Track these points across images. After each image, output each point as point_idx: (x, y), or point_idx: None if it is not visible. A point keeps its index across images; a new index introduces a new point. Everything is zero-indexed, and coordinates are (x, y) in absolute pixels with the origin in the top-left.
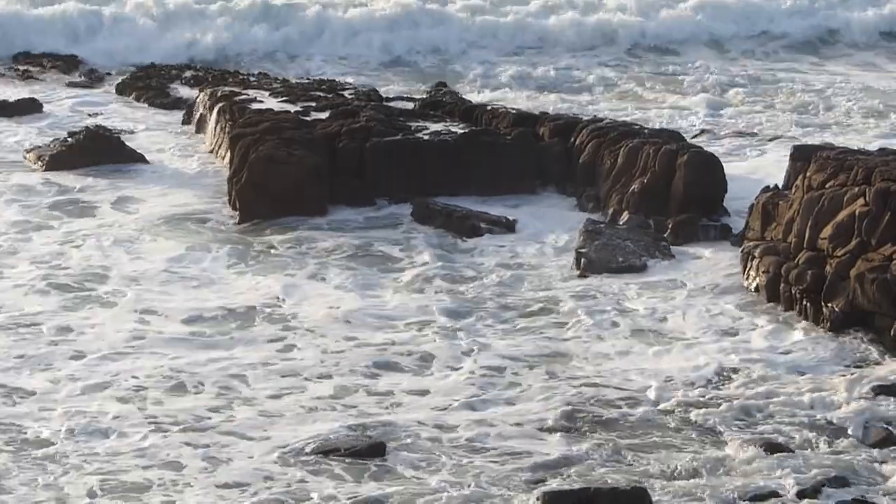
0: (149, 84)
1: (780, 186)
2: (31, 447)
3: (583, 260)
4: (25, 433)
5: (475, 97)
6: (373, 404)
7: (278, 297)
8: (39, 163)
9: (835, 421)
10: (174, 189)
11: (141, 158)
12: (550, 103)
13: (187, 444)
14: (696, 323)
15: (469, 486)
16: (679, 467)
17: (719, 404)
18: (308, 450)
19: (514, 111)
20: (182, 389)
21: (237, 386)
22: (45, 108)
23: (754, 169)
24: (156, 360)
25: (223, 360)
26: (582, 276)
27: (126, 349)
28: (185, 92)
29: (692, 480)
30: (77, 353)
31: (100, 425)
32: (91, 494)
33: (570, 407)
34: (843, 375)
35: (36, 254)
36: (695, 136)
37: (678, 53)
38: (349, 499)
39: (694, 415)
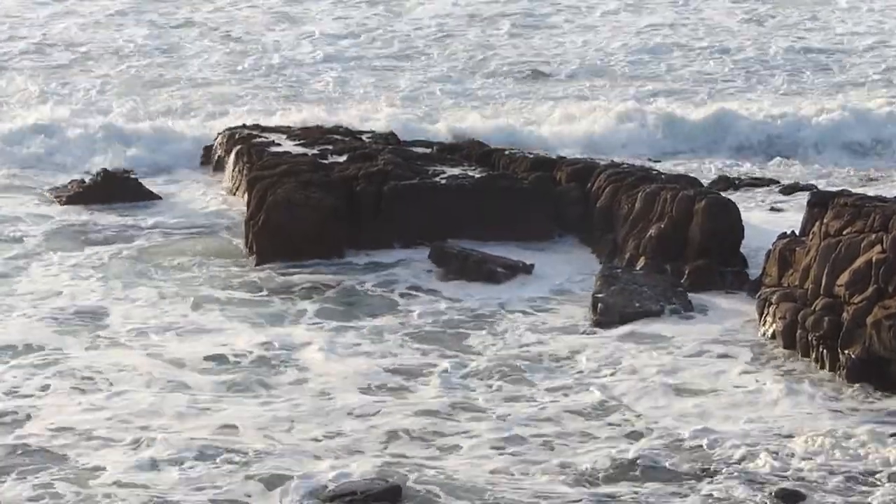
0: None
1: (797, 233)
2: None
3: (599, 305)
4: (86, 475)
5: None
6: (400, 451)
7: (298, 342)
8: (57, 202)
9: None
10: (190, 230)
11: (157, 198)
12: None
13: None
14: (714, 371)
15: None
16: None
17: (750, 458)
18: (325, 494)
19: (531, 155)
20: (224, 430)
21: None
22: None
23: (771, 215)
24: (187, 399)
25: (250, 403)
26: (598, 321)
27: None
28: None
29: None
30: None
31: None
32: None
33: (604, 458)
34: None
35: (44, 288)
36: (712, 183)
37: None
38: None
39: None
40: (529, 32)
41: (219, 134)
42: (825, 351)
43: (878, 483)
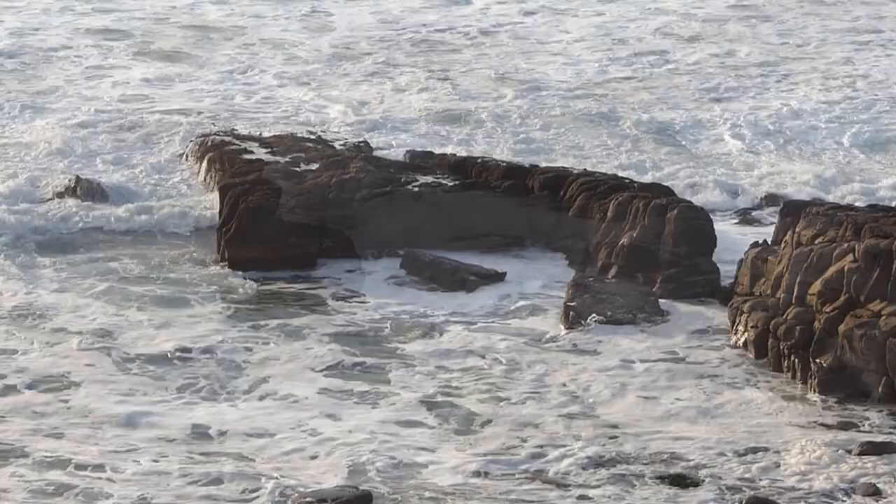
0: None
1: (769, 242)
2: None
3: (571, 313)
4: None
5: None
6: (373, 456)
7: (260, 347)
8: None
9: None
10: (160, 237)
11: (127, 206)
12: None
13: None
14: (685, 379)
15: None
16: None
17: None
18: (295, 500)
19: (504, 163)
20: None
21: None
22: None
23: (744, 224)
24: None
25: (211, 407)
26: (570, 328)
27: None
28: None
29: None
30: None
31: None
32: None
33: (573, 463)
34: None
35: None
36: (685, 191)
37: None
38: None
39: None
40: None
41: (191, 141)
42: (796, 360)
43: (849, 491)
